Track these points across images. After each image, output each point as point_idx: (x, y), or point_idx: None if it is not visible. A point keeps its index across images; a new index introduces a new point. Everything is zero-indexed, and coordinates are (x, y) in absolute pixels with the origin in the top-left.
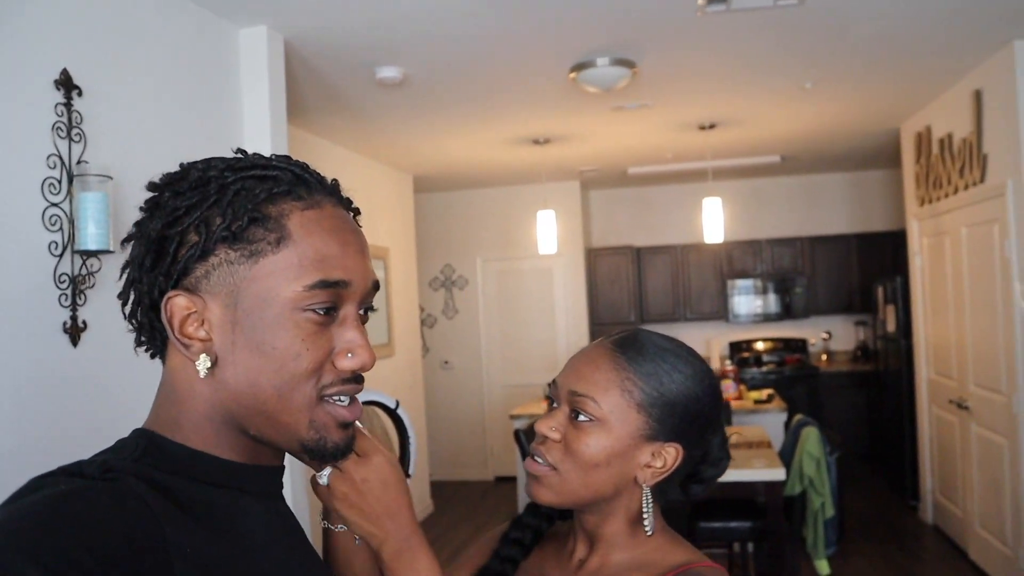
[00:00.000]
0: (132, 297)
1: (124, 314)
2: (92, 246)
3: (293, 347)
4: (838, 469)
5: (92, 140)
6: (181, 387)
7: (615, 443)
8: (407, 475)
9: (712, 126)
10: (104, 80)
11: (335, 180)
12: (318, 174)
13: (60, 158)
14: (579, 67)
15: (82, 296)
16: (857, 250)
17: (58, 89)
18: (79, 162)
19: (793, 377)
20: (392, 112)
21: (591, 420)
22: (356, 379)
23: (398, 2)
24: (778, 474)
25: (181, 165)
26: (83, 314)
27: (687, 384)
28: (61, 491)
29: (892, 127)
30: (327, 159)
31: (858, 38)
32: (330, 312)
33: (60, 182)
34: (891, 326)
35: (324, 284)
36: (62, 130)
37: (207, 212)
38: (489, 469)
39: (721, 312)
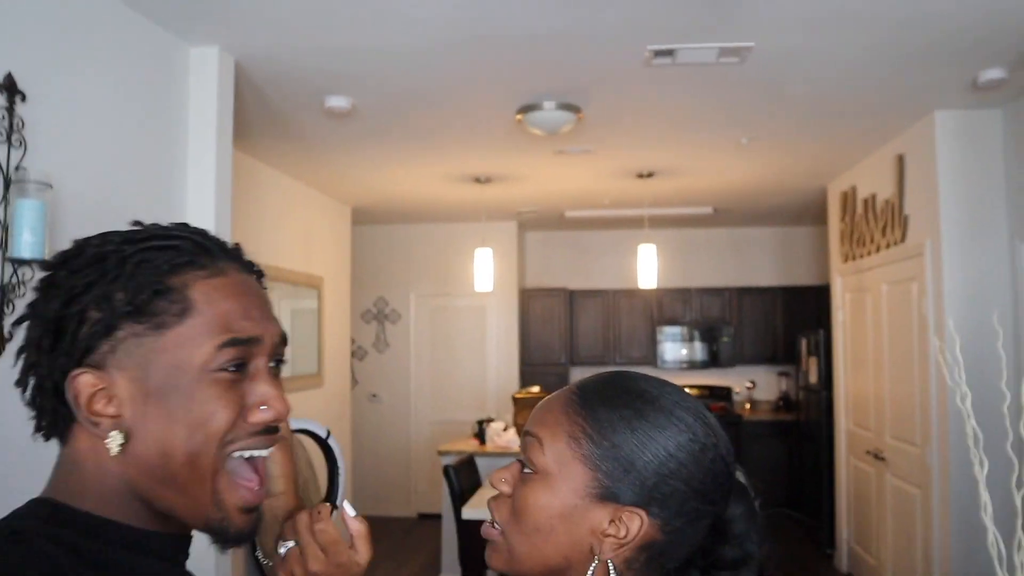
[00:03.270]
0: (32, 382)
1: (24, 400)
2: (26, 254)
3: (206, 408)
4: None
5: (33, 147)
6: (88, 465)
7: (558, 502)
8: (334, 507)
9: (650, 175)
10: (50, 87)
11: (237, 245)
12: (219, 240)
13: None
14: (526, 109)
15: (10, 305)
16: (783, 302)
17: (1, 93)
18: (18, 168)
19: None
20: (337, 142)
21: (534, 472)
22: (266, 432)
23: (351, 33)
24: None
25: (75, 241)
26: (9, 324)
27: (654, 437)
28: None
29: (820, 185)
30: (267, 185)
31: (793, 98)
32: (240, 368)
33: None
34: (813, 377)
35: (234, 342)
36: (1, 134)
37: (108, 288)
38: (412, 506)
39: (650, 357)
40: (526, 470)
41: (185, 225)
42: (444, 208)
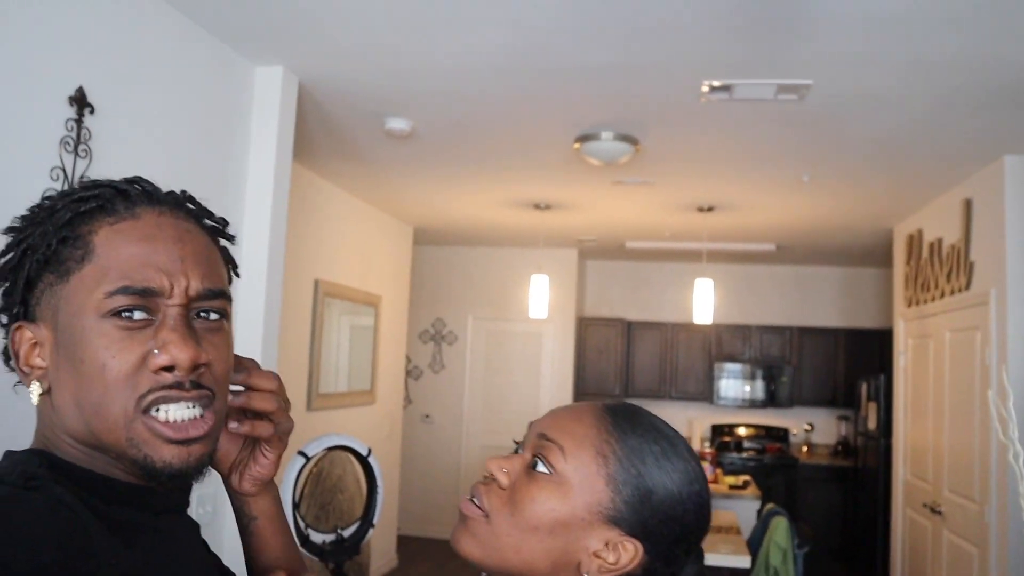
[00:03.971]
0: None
1: (3, 359)
2: None
3: (98, 358)
4: (806, 564)
5: (98, 157)
6: (43, 416)
7: (567, 509)
8: (371, 524)
9: (710, 209)
10: (117, 100)
11: (183, 192)
12: (151, 187)
13: (64, 171)
14: (583, 138)
15: None
16: (845, 344)
17: (71, 105)
18: (82, 177)
19: (772, 466)
20: (398, 163)
21: (550, 473)
22: (182, 385)
23: (412, 56)
24: (743, 561)
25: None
26: None
27: (674, 477)
28: None
29: (885, 227)
30: (329, 201)
31: (855, 138)
32: (142, 317)
33: None
34: (872, 423)
35: (127, 291)
36: (69, 144)
37: (33, 240)
38: None
39: (706, 393)
40: (539, 468)
41: (128, 178)
42: (504, 233)
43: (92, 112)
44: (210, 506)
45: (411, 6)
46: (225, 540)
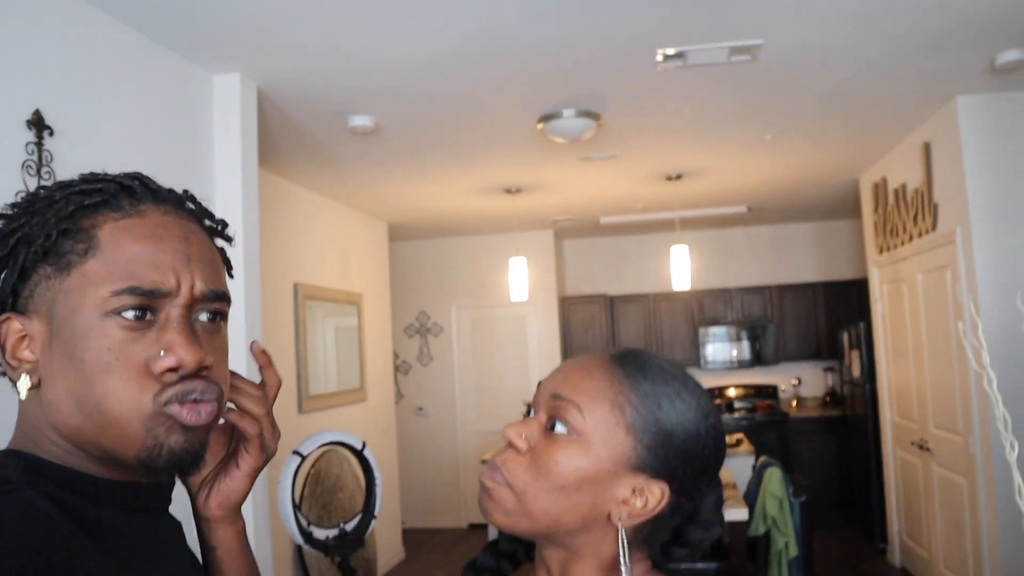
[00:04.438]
0: None
1: None
2: None
3: (101, 357)
4: (804, 512)
5: (62, 178)
6: (29, 413)
7: (592, 465)
8: (372, 516)
9: (679, 176)
10: (76, 121)
11: (186, 191)
12: (155, 185)
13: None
14: (546, 118)
15: None
16: (824, 297)
17: (30, 128)
18: None
19: (764, 423)
20: (365, 160)
21: (569, 432)
22: (190, 377)
23: (369, 52)
24: (741, 514)
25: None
26: None
27: (690, 416)
28: None
29: (851, 178)
30: (302, 205)
31: (812, 93)
32: (145, 317)
33: None
34: (856, 371)
35: (133, 291)
36: (32, 168)
37: (29, 230)
38: (462, 516)
39: (693, 359)
40: (558, 429)
41: (129, 173)
42: (478, 220)
43: (51, 134)
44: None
45: (361, 2)
46: None
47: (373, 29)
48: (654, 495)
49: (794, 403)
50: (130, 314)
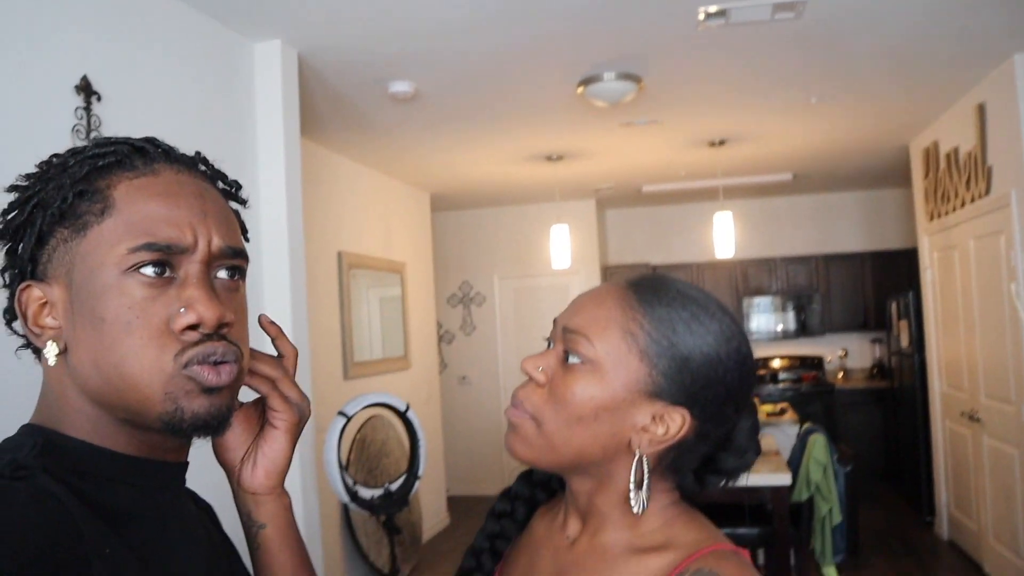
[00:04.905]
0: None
1: (4, 321)
2: None
3: (121, 316)
4: (850, 481)
5: None
6: (53, 382)
7: (607, 393)
8: (417, 476)
9: (722, 142)
10: (122, 87)
11: (197, 153)
12: (167, 146)
13: None
14: (586, 81)
15: None
16: (871, 267)
17: (78, 94)
18: None
19: (810, 394)
20: (405, 127)
21: (582, 362)
22: (211, 337)
23: (408, 18)
24: (784, 479)
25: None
26: None
27: (708, 340)
28: None
29: (901, 144)
30: (345, 174)
31: (859, 53)
32: (164, 274)
33: None
34: (905, 342)
35: (150, 247)
36: (81, 132)
37: (45, 196)
38: (506, 483)
39: None
40: (572, 359)
41: (152, 137)
42: (520, 190)
43: (99, 99)
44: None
45: None
46: None
47: None
48: (675, 422)
49: (840, 375)
50: (149, 271)
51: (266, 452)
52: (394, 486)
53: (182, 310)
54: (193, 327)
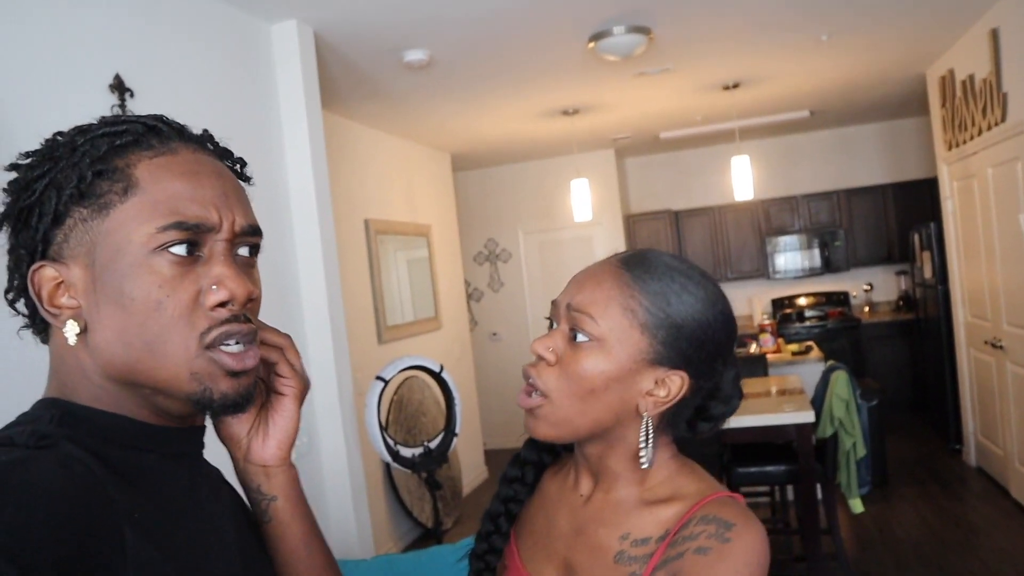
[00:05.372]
0: (15, 284)
1: (7, 301)
2: None
3: (152, 295)
4: (877, 417)
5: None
6: (69, 359)
7: (614, 366)
8: (454, 433)
9: (736, 85)
10: (152, 81)
11: (205, 131)
12: (178, 124)
13: None
14: (596, 36)
15: None
16: (893, 199)
17: (112, 92)
18: None
19: (836, 330)
20: (422, 93)
21: (589, 340)
22: (238, 319)
23: None
24: (807, 417)
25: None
26: None
27: (697, 307)
28: (2, 461)
29: (917, 73)
30: (366, 143)
31: None
32: (191, 252)
33: None
34: (928, 273)
35: (179, 226)
36: None
37: (57, 176)
38: None
39: (762, 270)
40: (579, 338)
41: (151, 115)
42: (539, 144)
43: (132, 96)
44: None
45: None
46: None
47: None
48: (675, 384)
49: (866, 309)
50: (179, 249)
51: (276, 422)
52: (433, 444)
53: (213, 287)
54: (222, 304)
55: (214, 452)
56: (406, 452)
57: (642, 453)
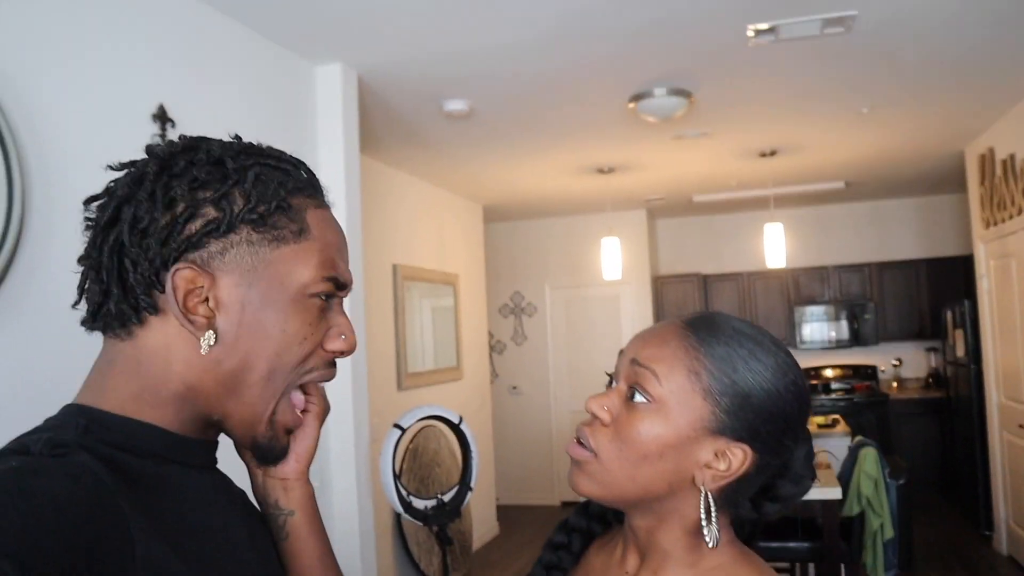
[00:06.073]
0: (112, 262)
1: (87, 278)
2: None
3: (301, 331)
4: (903, 495)
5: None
6: (154, 362)
7: (672, 432)
8: (469, 488)
9: (773, 153)
10: (194, 113)
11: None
12: (316, 177)
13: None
14: (637, 97)
15: None
16: (926, 275)
17: (155, 122)
18: None
19: (863, 404)
20: (459, 142)
21: (648, 401)
22: (334, 364)
23: (464, 40)
24: (834, 493)
25: (183, 138)
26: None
27: (766, 375)
28: (11, 468)
29: (956, 150)
30: (400, 188)
31: (910, 63)
32: (329, 300)
33: None
34: (960, 351)
35: (335, 280)
36: None
37: (229, 190)
38: (556, 494)
39: (789, 339)
40: (637, 399)
41: (291, 156)
42: (572, 201)
43: (173, 126)
44: None
45: None
46: None
47: (467, 14)
48: (736, 457)
49: (895, 384)
50: (324, 298)
51: (298, 438)
52: (447, 497)
53: (342, 336)
54: (340, 352)
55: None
56: (419, 504)
57: (705, 530)
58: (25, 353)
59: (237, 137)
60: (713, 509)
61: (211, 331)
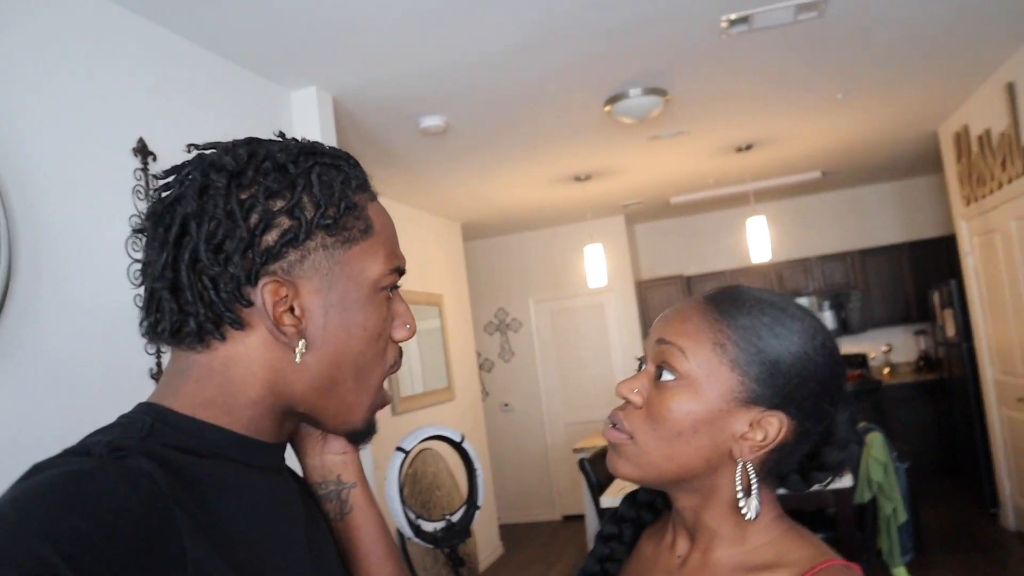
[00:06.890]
0: (190, 280)
1: (159, 296)
2: None
3: (378, 326)
4: (910, 480)
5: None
6: (234, 371)
7: (703, 407)
8: (476, 506)
9: (749, 147)
10: (174, 144)
11: None
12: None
13: (140, 218)
14: (613, 99)
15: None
16: (909, 258)
17: (135, 156)
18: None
19: (855, 393)
20: (437, 159)
21: (676, 379)
22: (402, 354)
23: (437, 56)
24: (845, 481)
25: (237, 143)
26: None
27: (793, 340)
28: (71, 471)
29: (930, 130)
30: None
31: (882, 45)
32: (393, 291)
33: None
34: (950, 331)
35: (398, 270)
36: (140, 192)
37: (299, 197)
38: (556, 509)
39: None
40: (665, 377)
41: (348, 154)
42: (550, 212)
43: (154, 159)
44: None
45: (425, 5)
46: None
47: (439, 30)
48: (772, 426)
49: (886, 370)
50: (390, 289)
51: None
52: (455, 517)
53: (407, 325)
54: (406, 339)
55: None
56: (428, 527)
57: (742, 502)
58: (21, 397)
59: (281, 134)
60: (754, 482)
61: (303, 339)
